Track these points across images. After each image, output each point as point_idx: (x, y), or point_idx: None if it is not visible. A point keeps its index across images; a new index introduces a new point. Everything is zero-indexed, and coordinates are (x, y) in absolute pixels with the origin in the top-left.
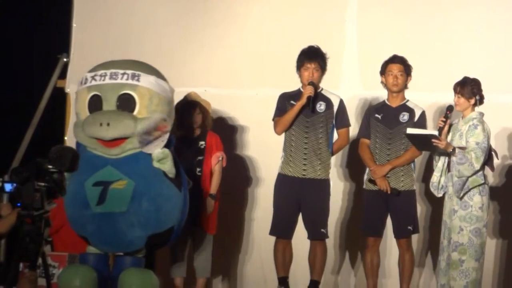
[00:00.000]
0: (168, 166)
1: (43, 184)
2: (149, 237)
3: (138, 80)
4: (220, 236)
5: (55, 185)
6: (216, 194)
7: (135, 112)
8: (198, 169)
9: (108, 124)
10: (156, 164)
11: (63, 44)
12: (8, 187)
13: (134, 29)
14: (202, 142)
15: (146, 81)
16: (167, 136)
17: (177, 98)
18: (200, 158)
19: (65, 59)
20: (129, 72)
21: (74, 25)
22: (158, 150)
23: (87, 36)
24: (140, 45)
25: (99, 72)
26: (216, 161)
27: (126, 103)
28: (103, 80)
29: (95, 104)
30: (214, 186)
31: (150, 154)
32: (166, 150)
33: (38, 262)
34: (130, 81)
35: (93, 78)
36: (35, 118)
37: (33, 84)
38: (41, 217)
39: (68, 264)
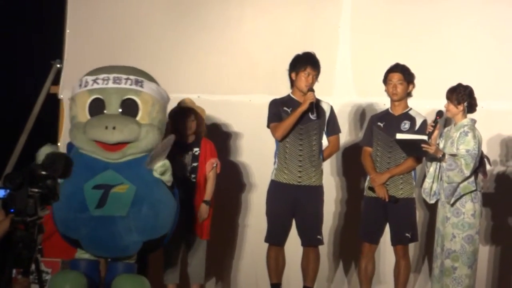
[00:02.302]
0: (168, 177)
1: (36, 190)
2: (144, 243)
3: (141, 86)
4: (214, 242)
5: (48, 191)
6: (210, 200)
7: (137, 118)
8: (192, 176)
9: (114, 128)
10: (156, 175)
11: (56, 50)
12: (1, 193)
13: (127, 35)
14: (197, 149)
15: (149, 87)
16: (168, 149)
17: (171, 104)
18: (194, 164)
19: (58, 65)
20: (132, 77)
21: (67, 31)
22: (159, 163)
23: (80, 42)
24: (134, 51)
25: (101, 76)
26: (210, 168)
27: (129, 108)
28: (106, 84)
29: (97, 107)
30: (208, 192)
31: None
32: (167, 163)
33: (31, 268)
34: (134, 87)
35: (94, 81)
36: (28, 124)
37: (27, 90)
38: (34, 223)
39: (60, 270)
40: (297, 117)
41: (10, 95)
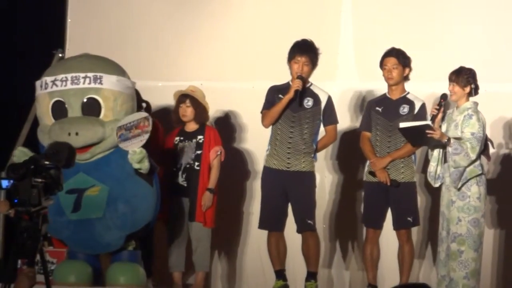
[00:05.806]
0: (146, 165)
1: (40, 180)
2: (127, 236)
3: (101, 83)
4: (219, 230)
5: (52, 181)
6: (214, 188)
7: (101, 116)
8: (196, 164)
9: (76, 134)
10: (136, 166)
11: (58, 39)
12: (4, 183)
13: (129, 23)
14: (201, 137)
15: (109, 82)
16: (147, 136)
17: (173, 92)
18: (198, 152)
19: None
20: (91, 75)
21: (68, 20)
22: (135, 156)
23: (82, 31)
24: (136, 39)
25: (59, 77)
26: (214, 156)
27: (91, 108)
28: (65, 86)
29: (59, 110)
30: (212, 180)
31: (122, 155)
32: (143, 151)
33: (36, 258)
34: (93, 85)
35: (53, 82)
36: (31, 114)
37: (29, 79)
38: (38, 213)
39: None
40: (283, 106)
41: (12, 85)
